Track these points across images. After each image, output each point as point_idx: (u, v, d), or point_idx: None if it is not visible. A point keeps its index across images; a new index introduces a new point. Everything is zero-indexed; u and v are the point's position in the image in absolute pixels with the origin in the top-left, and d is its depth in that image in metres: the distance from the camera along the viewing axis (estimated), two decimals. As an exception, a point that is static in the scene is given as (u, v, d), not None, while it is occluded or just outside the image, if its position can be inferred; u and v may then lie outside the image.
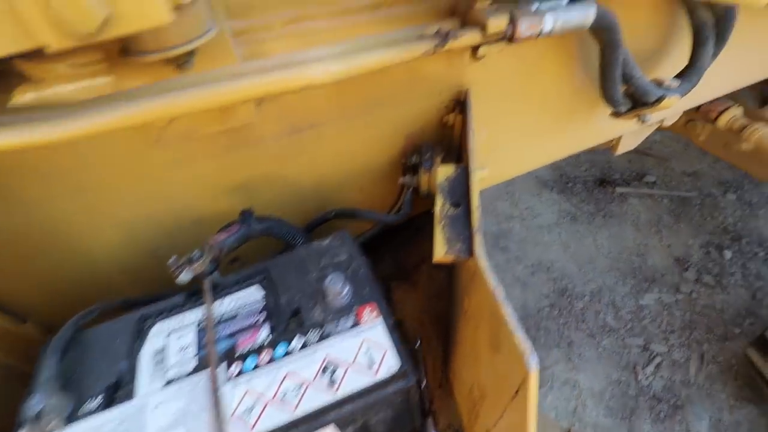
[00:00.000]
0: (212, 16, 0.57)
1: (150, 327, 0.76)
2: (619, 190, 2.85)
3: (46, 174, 0.73)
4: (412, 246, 1.36)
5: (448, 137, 0.98)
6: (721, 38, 0.94)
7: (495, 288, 0.53)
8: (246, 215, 0.82)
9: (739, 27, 0.97)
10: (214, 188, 0.89)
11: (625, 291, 2.31)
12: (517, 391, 0.52)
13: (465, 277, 0.72)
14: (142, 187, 0.83)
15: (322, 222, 0.93)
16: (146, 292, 0.91)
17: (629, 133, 1.53)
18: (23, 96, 0.50)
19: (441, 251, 0.60)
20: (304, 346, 0.65)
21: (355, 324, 0.66)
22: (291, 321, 0.69)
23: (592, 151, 3.14)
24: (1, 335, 0.89)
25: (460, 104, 0.94)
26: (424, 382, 1.10)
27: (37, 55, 0.36)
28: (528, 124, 1.08)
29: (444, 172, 0.74)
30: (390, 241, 1.27)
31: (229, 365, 0.64)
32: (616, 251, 2.51)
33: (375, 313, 0.67)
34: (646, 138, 3.37)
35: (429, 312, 1.23)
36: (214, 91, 0.50)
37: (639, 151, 3.10)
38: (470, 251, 0.59)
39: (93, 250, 0.90)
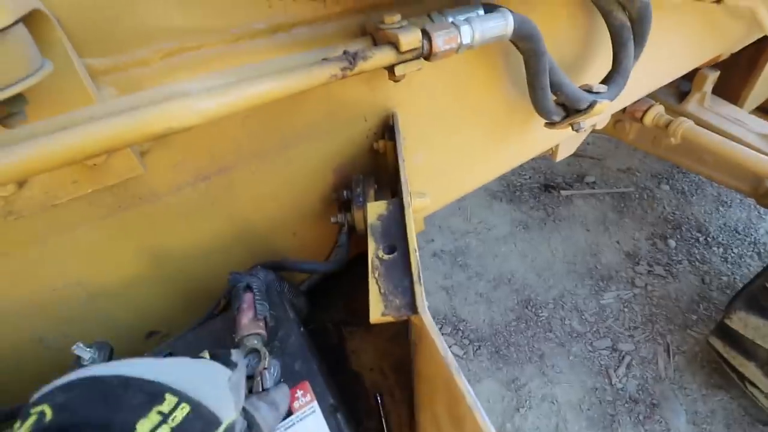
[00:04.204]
0: (46, 52, 0.44)
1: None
2: (564, 193, 2.91)
3: None
4: (364, 285, 1.24)
5: (381, 166, 0.89)
6: (640, 37, 0.94)
7: (446, 356, 0.42)
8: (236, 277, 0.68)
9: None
10: (109, 256, 0.73)
11: (585, 293, 2.31)
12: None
13: (413, 332, 0.61)
14: (3, 270, 0.65)
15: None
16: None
17: (566, 141, 1.54)
18: None
19: (377, 311, 0.49)
20: (222, 454, 0.51)
21: (287, 413, 0.53)
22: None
23: (532, 159, 3.23)
24: None
25: (389, 129, 0.86)
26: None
27: None
28: (464, 143, 1.02)
29: (375, 210, 0.63)
30: (341, 283, 1.16)
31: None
32: (571, 254, 2.53)
33: (309, 396, 0.54)
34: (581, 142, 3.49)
35: (388, 358, 1.10)
36: (41, 148, 0.37)
37: (576, 155, 3.22)
38: (413, 307, 0.48)
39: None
